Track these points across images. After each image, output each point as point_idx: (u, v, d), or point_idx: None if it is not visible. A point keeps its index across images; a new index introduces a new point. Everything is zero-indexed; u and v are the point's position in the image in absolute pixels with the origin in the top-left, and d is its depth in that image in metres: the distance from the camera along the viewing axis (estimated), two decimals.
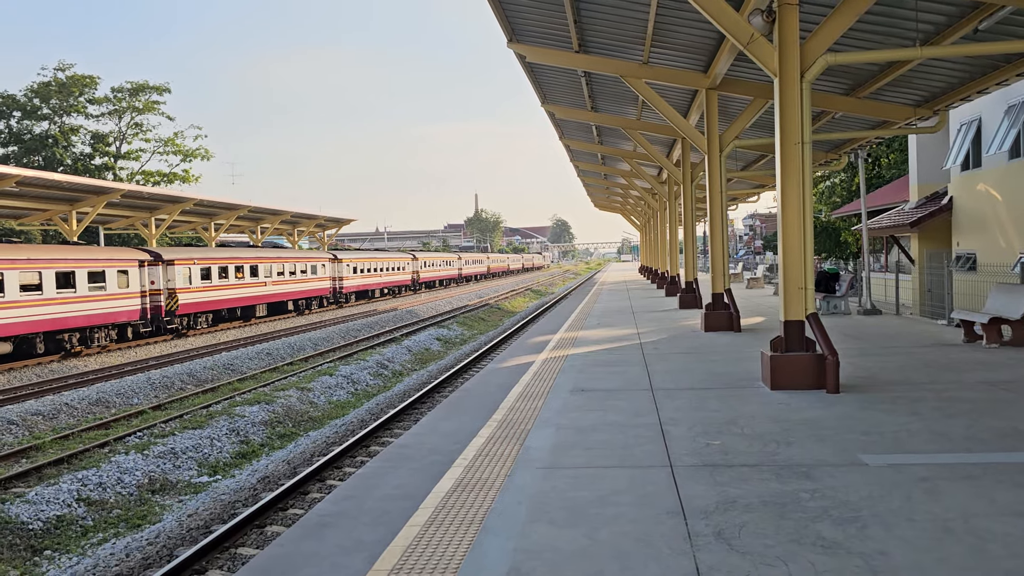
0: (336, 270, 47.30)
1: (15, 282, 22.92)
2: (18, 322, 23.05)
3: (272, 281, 39.02)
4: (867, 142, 22.60)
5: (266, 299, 38.64)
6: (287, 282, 40.68)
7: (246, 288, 36.46)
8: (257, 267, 37.48)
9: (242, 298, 36.25)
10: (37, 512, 10.43)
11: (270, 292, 38.81)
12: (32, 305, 23.60)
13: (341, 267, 47.79)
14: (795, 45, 10.06)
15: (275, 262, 39.49)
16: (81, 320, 25.74)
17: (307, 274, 43.21)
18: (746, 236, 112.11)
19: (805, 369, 10.12)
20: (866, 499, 5.84)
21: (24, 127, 58.42)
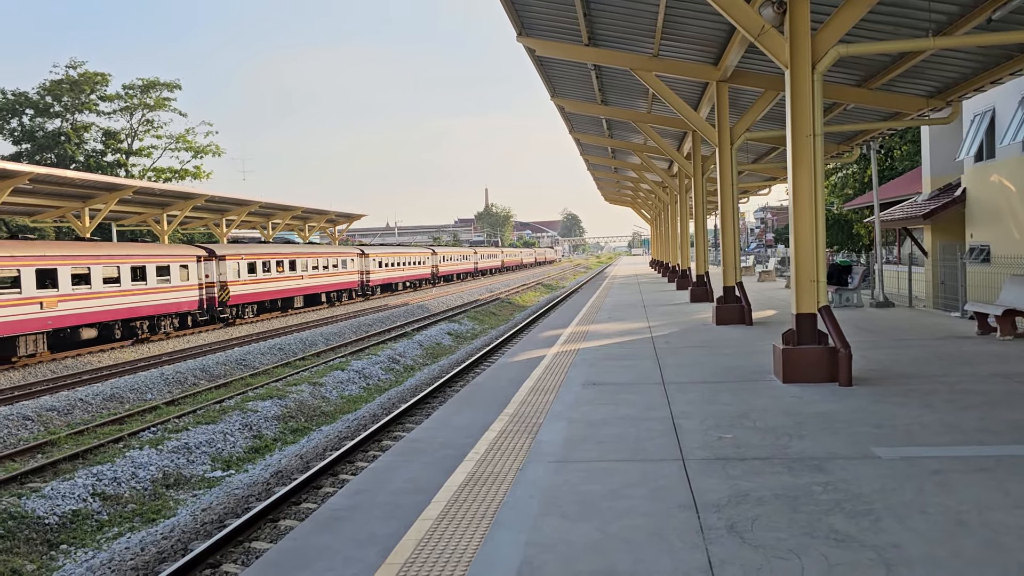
0: (364, 264, 49.90)
1: (99, 275, 26.06)
2: (103, 310, 26.30)
3: (308, 275, 41.77)
4: (879, 134, 22.45)
5: (303, 291, 41.40)
6: (321, 276, 43.43)
7: (286, 281, 39.38)
8: (295, 261, 40.19)
9: (282, 290, 39.13)
10: (53, 507, 10.53)
11: (306, 285, 41.62)
12: (113, 295, 26.80)
13: (368, 262, 50.51)
14: (806, 36, 10.00)
15: (311, 257, 42.21)
16: (150, 309, 28.92)
17: (338, 268, 45.97)
18: (757, 229, 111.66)
19: (817, 362, 10.09)
20: (879, 492, 5.82)
21: (37, 124, 58.73)
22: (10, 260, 22.59)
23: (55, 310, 24.15)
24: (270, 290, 37.82)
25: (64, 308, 24.59)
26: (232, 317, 34.88)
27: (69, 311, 24.83)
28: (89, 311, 25.69)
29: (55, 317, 24.18)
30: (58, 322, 24.40)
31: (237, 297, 34.65)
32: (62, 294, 24.54)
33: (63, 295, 24.55)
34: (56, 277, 24.35)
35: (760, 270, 38.13)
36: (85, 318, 25.54)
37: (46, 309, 23.78)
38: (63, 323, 24.65)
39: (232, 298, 34.16)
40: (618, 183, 52.63)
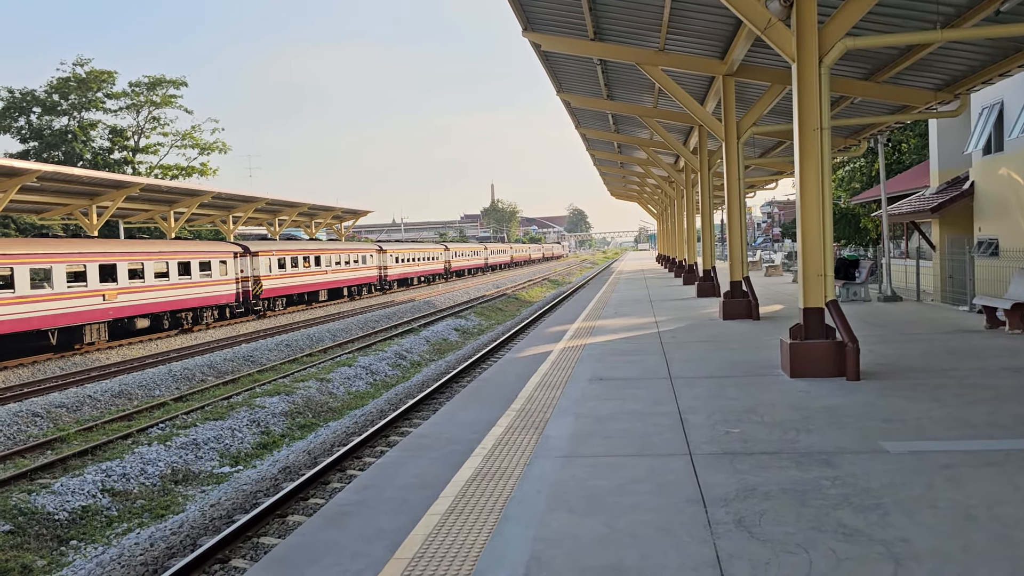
0: (382, 260, 52.51)
1: (151, 270, 28.48)
2: (155, 302, 28.81)
3: (331, 270, 44.28)
4: (887, 127, 22.34)
5: (327, 285, 43.87)
6: (343, 271, 45.91)
7: (312, 276, 41.87)
8: (320, 257, 42.73)
9: (309, 284, 41.60)
10: (63, 503, 10.59)
11: (330, 279, 44.13)
12: (163, 289, 29.25)
13: (386, 257, 53.12)
14: (813, 30, 9.95)
15: (334, 253, 44.76)
16: (195, 301, 31.19)
17: (359, 263, 48.42)
18: (764, 224, 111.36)
19: (825, 356, 10.06)
20: (887, 486, 5.80)
21: (44, 123, 58.94)
22: (78, 256, 25.08)
23: (115, 302, 26.73)
24: (298, 284, 40.22)
25: (122, 300, 27.10)
26: (264, 309, 37.26)
27: (126, 303, 27.34)
28: (143, 303, 28.23)
29: (115, 308, 26.76)
30: (117, 313, 26.91)
31: (269, 291, 37.10)
32: (121, 287, 27.00)
33: (121, 288, 27.04)
34: (115, 272, 26.78)
35: (767, 265, 38.04)
36: (140, 309, 28.09)
37: (107, 301, 26.34)
38: (121, 314, 27.16)
39: (264, 291, 36.57)
40: (624, 178, 52.54)
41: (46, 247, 24.13)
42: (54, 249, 24.30)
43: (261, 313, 36.95)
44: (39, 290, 23.41)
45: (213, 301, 32.59)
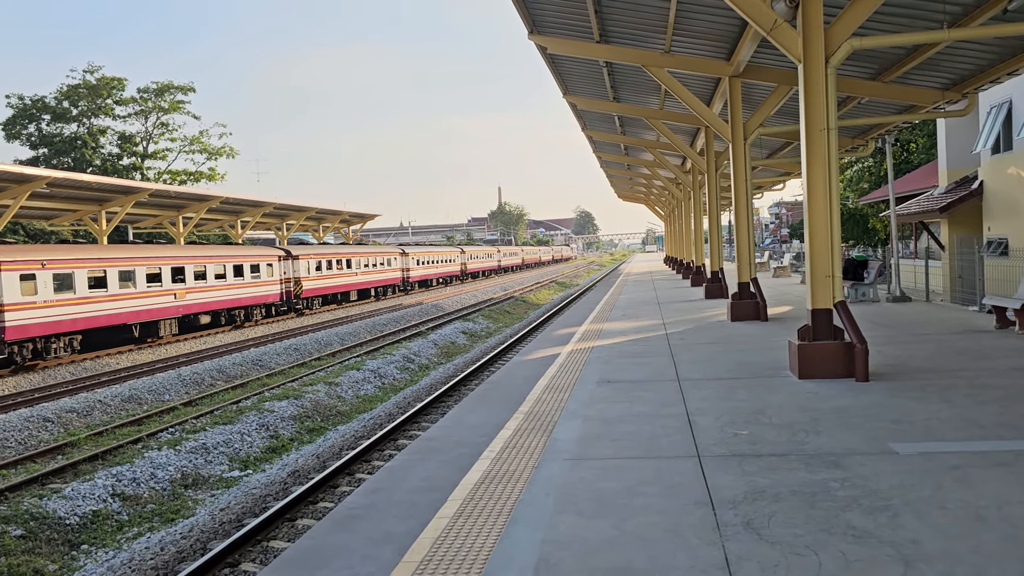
0: (404, 263, 55.39)
1: (212, 272, 31.82)
2: (215, 300, 32.16)
3: (361, 272, 47.56)
4: (894, 127, 22.28)
5: (357, 286, 47.08)
6: (371, 272, 49.19)
7: (344, 277, 45.11)
8: (351, 260, 46.07)
9: (342, 285, 44.94)
10: (74, 507, 10.64)
11: (360, 280, 47.46)
12: (222, 289, 32.60)
13: (408, 260, 56.11)
14: (819, 30, 9.94)
15: (363, 256, 48.33)
16: (247, 300, 34.68)
17: (384, 266, 51.67)
18: (772, 224, 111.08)
19: (833, 357, 10.03)
20: (897, 488, 5.79)
21: (54, 129, 59.29)
22: (154, 260, 28.63)
23: (184, 300, 30.22)
24: (333, 285, 43.63)
25: (190, 298, 30.56)
26: (303, 308, 40.42)
27: (193, 301, 30.75)
28: (206, 301, 31.58)
29: (184, 306, 30.26)
30: (186, 309, 30.38)
31: (308, 291, 40.33)
32: (188, 287, 30.37)
33: (189, 288, 30.43)
34: (184, 274, 30.20)
35: (775, 266, 37.95)
36: (204, 307, 31.47)
37: (178, 299, 29.83)
38: (189, 310, 30.58)
39: (304, 292, 39.77)
40: (631, 180, 52.51)
41: (129, 252, 27.75)
42: (135, 254, 27.88)
43: (301, 311, 40.10)
44: (125, 289, 26.94)
45: (262, 300, 36.11)
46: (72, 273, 24.59)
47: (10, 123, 58.51)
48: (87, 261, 25.38)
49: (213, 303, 31.98)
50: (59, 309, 23.94)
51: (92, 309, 25.32)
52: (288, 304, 38.48)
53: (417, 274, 57.82)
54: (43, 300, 23.30)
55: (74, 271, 24.70)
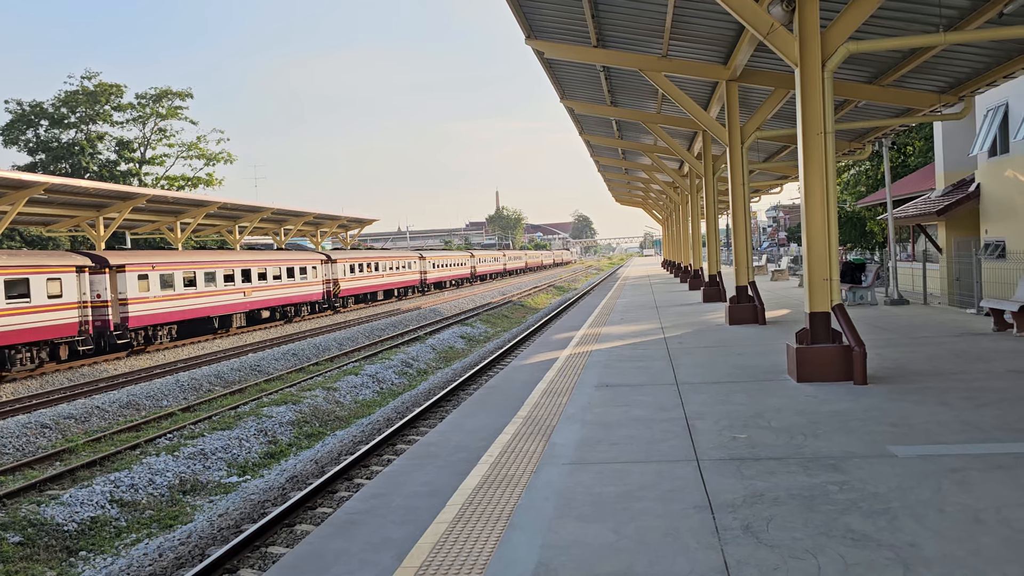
0: (422, 266, 60.18)
1: (271, 274, 36.92)
2: (273, 298, 37.23)
3: (387, 274, 52.54)
4: (891, 130, 22.32)
5: (383, 287, 52.17)
6: (394, 275, 54.26)
7: (373, 279, 50.11)
8: (379, 264, 51.27)
9: (371, 286, 49.84)
10: (72, 514, 10.61)
11: (386, 282, 52.59)
12: (278, 288, 37.61)
13: (425, 263, 60.92)
14: (816, 34, 9.97)
15: (388, 260, 53.58)
16: (297, 298, 39.62)
17: (405, 269, 56.58)
18: (770, 228, 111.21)
19: (832, 361, 10.04)
20: (896, 491, 5.79)
21: (52, 135, 59.26)
22: (229, 263, 33.67)
23: (251, 297, 35.12)
24: (364, 286, 48.53)
25: (255, 296, 35.48)
26: (340, 306, 45.12)
27: (257, 298, 35.73)
28: (267, 299, 36.65)
29: (251, 302, 35.18)
30: (252, 305, 35.31)
31: (344, 291, 45.11)
32: (254, 286, 35.23)
33: (254, 287, 35.31)
34: (250, 275, 34.96)
35: (773, 269, 37.97)
36: (265, 303, 36.52)
37: (246, 296, 34.74)
38: (254, 306, 35.60)
39: (341, 291, 44.54)
40: (629, 184, 52.56)
41: (210, 256, 33.12)
42: (215, 258, 33.15)
43: (337, 309, 44.68)
44: (208, 288, 31.86)
45: (309, 298, 40.95)
46: (173, 274, 29.79)
47: (8, 128, 58.47)
48: (182, 264, 30.63)
49: (272, 300, 37.19)
50: (163, 303, 29.22)
51: (186, 304, 30.54)
52: (328, 302, 43.31)
53: (433, 276, 62.70)
54: (153, 296, 28.60)
55: (174, 272, 29.87)
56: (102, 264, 26.64)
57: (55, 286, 24.18)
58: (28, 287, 23.17)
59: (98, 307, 26.24)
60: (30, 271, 23.37)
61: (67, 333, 24.50)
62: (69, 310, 24.62)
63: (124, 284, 27.04)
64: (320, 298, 42.10)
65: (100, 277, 26.51)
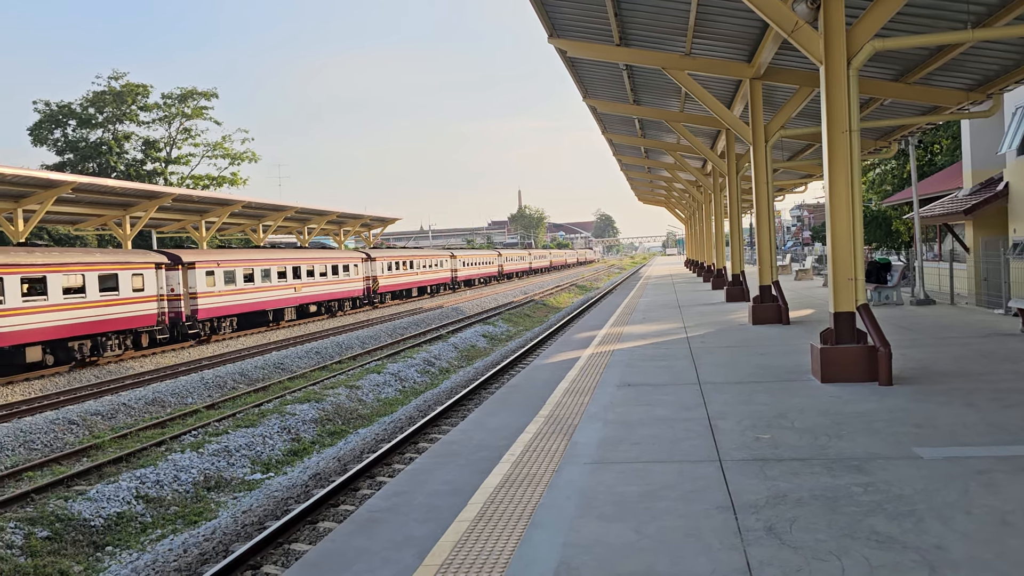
0: (452, 264, 63.18)
1: (319, 271, 39.46)
2: (320, 294, 39.61)
3: (420, 272, 55.46)
4: (918, 128, 22.07)
5: (418, 284, 54.86)
6: (428, 272, 57.16)
7: (408, 276, 52.78)
8: (413, 262, 53.99)
9: (406, 283, 52.60)
10: (98, 509, 10.76)
11: (420, 279, 55.42)
12: (324, 284, 40.11)
13: (456, 262, 64.07)
14: (841, 32, 9.88)
15: (422, 258, 56.28)
16: (340, 294, 41.97)
17: (438, 267, 59.33)
18: (794, 227, 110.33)
19: (856, 361, 9.95)
20: (921, 492, 5.73)
21: (80, 135, 60.08)
22: (282, 261, 36.19)
23: (300, 293, 37.55)
24: (400, 283, 51.16)
25: (304, 292, 37.80)
26: (379, 301, 47.75)
27: (306, 294, 38.01)
28: (315, 294, 38.91)
29: (300, 297, 37.67)
30: (302, 300, 37.89)
31: (383, 287, 47.78)
32: (303, 282, 37.60)
33: (303, 283, 37.68)
34: (300, 272, 37.33)
35: (796, 269, 37.67)
36: (313, 298, 38.79)
37: (297, 292, 37.21)
38: (303, 301, 38.08)
39: (380, 288, 47.23)
40: (651, 183, 52.36)
41: (266, 255, 35.54)
42: (269, 256, 35.66)
43: (375, 304, 47.20)
44: (265, 283, 34.47)
45: (351, 294, 43.23)
46: (235, 271, 32.34)
47: (37, 128, 59.36)
48: (242, 262, 33.04)
49: (319, 295, 39.50)
50: (227, 297, 31.74)
51: (245, 298, 33.09)
52: (368, 298, 45.85)
53: (463, 274, 65.57)
54: (218, 290, 31.10)
55: (236, 269, 32.35)
56: (176, 261, 29.31)
57: (138, 281, 26.83)
58: (117, 282, 25.70)
59: (172, 300, 29.02)
60: (119, 267, 25.95)
61: (148, 323, 27.23)
62: (149, 302, 27.35)
63: (194, 280, 29.64)
64: (361, 294, 44.62)
65: (174, 273, 29.08)
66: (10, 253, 22.46)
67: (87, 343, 24.59)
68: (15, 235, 28.79)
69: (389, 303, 49.38)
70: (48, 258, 23.41)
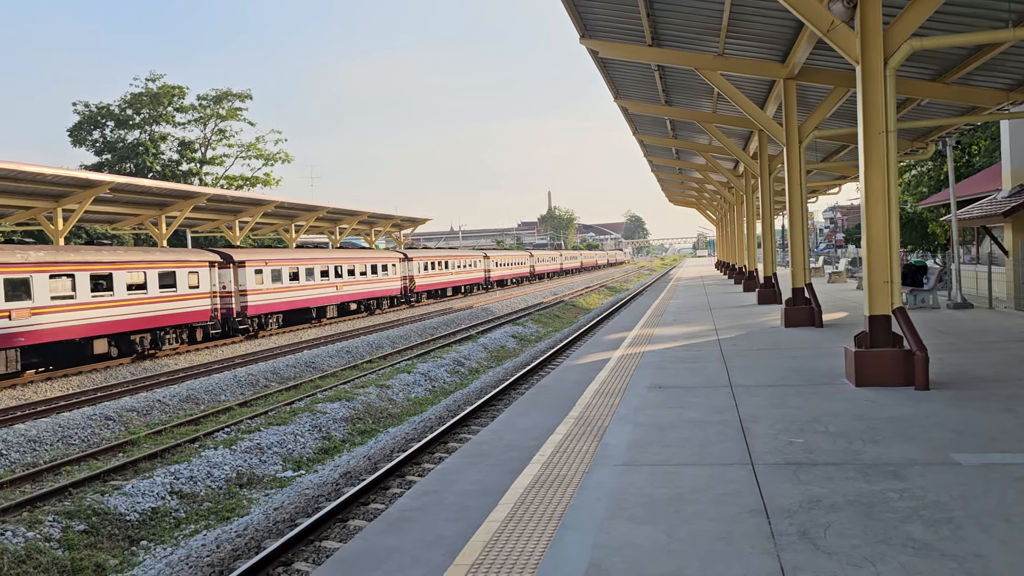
0: (486, 264, 64.92)
1: (359, 270, 41.04)
2: (360, 293, 41.26)
3: (455, 272, 56.98)
4: (955, 129, 21.69)
5: (452, 284, 56.60)
6: (462, 272, 58.67)
7: (443, 276, 54.49)
8: (448, 262, 55.51)
9: (441, 283, 54.43)
10: (133, 504, 10.93)
11: (454, 279, 56.98)
12: (364, 283, 41.71)
13: (489, 262, 65.78)
14: (878, 31, 9.74)
15: (456, 259, 57.69)
16: (379, 293, 43.77)
17: (472, 267, 60.80)
18: (826, 229, 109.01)
19: (892, 365, 9.80)
20: (959, 499, 5.63)
21: (117, 136, 61.14)
22: (325, 260, 37.76)
23: (342, 291, 39.17)
24: (435, 283, 52.81)
25: (345, 290, 39.49)
26: (415, 300, 49.38)
27: (347, 292, 39.71)
28: (355, 292, 40.62)
29: (342, 295, 39.25)
30: (343, 299, 39.39)
31: (420, 287, 49.64)
32: (344, 281, 39.27)
33: (344, 282, 39.33)
34: (342, 271, 39.12)
35: (830, 271, 37.21)
36: (353, 297, 40.45)
37: (339, 290, 38.82)
38: (344, 299, 39.59)
39: (416, 287, 49.02)
40: (682, 184, 52.01)
41: (310, 255, 37.15)
42: (314, 256, 37.21)
43: (412, 303, 48.77)
44: (309, 282, 35.98)
45: (389, 293, 45.05)
46: (281, 269, 33.83)
47: (76, 129, 60.52)
48: (288, 261, 34.52)
49: (359, 294, 41.15)
50: (273, 295, 33.30)
51: (291, 296, 34.64)
52: (405, 297, 47.58)
53: (496, 275, 67.36)
54: (266, 288, 32.70)
55: (282, 268, 33.89)
56: (227, 260, 30.84)
57: (194, 278, 28.34)
58: (175, 279, 27.31)
59: (224, 297, 30.54)
60: (176, 265, 27.57)
61: (202, 318, 28.73)
62: (204, 299, 28.87)
63: (244, 278, 31.16)
64: (398, 293, 46.37)
65: (226, 271, 30.58)
66: (81, 251, 23.99)
67: (147, 336, 26.14)
68: (55, 234, 29.39)
69: (425, 302, 50.95)
70: (114, 256, 24.94)
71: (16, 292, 21.22)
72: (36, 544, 9.48)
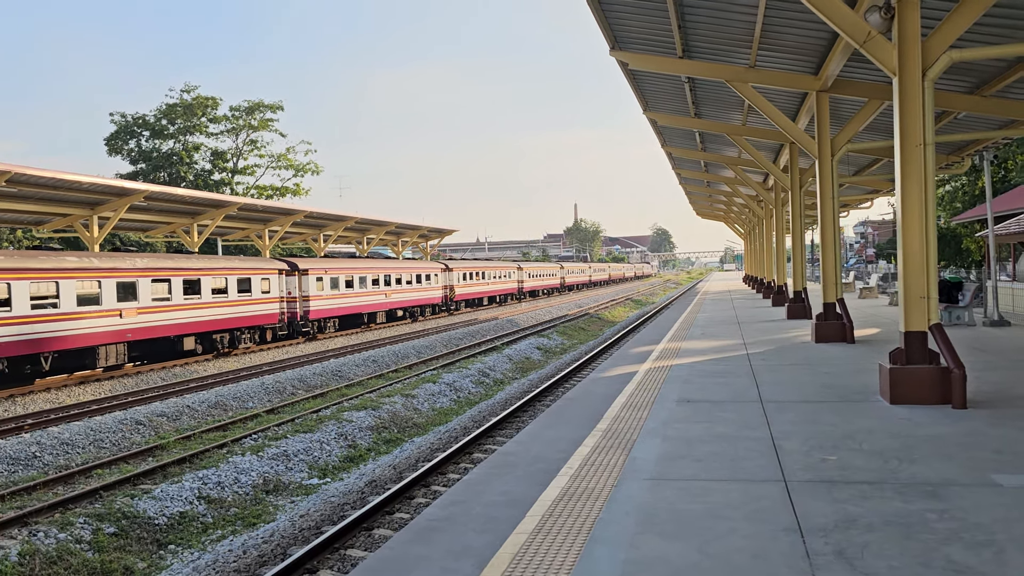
0: (519, 276, 68.41)
1: (404, 279, 43.80)
2: (406, 300, 44.24)
3: (491, 282, 59.88)
4: (993, 143, 21.35)
5: (488, 294, 59.10)
6: (497, 283, 61.51)
7: (479, 286, 57.15)
8: (484, 272, 58.59)
9: (477, 292, 57.00)
10: (162, 508, 11.00)
11: (490, 289, 59.51)
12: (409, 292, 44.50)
13: (522, 274, 69.48)
14: (916, 42, 9.60)
15: (491, 269, 61.08)
16: (422, 301, 46.46)
17: (505, 278, 63.96)
18: (857, 244, 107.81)
19: (928, 382, 9.61)
20: (1001, 521, 5.47)
21: (152, 146, 62.13)
22: (376, 270, 40.71)
23: (390, 299, 42.05)
24: (472, 292, 55.81)
25: (393, 298, 42.39)
26: (455, 308, 52.45)
27: (394, 300, 42.60)
28: (401, 300, 43.53)
29: (390, 303, 42.06)
30: (390, 306, 42.26)
31: (459, 296, 52.65)
32: (392, 289, 42.26)
33: (392, 290, 42.28)
34: (390, 280, 41.97)
35: (860, 287, 36.74)
36: (400, 304, 43.44)
37: (387, 298, 41.53)
38: (392, 306, 42.51)
39: (456, 296, 52.12)
40: (710, 197, 51.71)
41: (363, 264, 39.92)
42: (365, 265, 39.95)
43: (451, 311, 51.74)
44: (362, 289, 38.84)
45: (431, 301, 47.96)
46: (338, 277, 36.63)
47: (113, 139, 61.58)
48: (344, 269, 37.40)
49: (405, 302, 44.03)
50: (332, 301, 36.24)
51: (346, 302, 37.51)
52: (445, 305, 50.46)
53: (529, 285, 70.59)
54: (325, 294, 35.60)
55: (339, 276, 36.66)
56: (293, 268, 33.70)
57: (265, 284, 31.30)
58: (250, 285, 30.21)
59: (289, 301, 33.33)
60: (251, 272, 30.46)
61: (271, 321, 31.71)
62: (273, 303, 31.81)
63: (307, 284, 34.16)
64: (439, 301, 49.18)
65: (291, 278, 33.42)
66: (175, 259, 27.20)
67: (227, 336, 28.87)
68: (91, 241, 29.86)
69: (463, 310, 53.71)
70: (202, 263, 28.13)
71: (126, 294, 24.02)
72: (67, 545, 9.57)
